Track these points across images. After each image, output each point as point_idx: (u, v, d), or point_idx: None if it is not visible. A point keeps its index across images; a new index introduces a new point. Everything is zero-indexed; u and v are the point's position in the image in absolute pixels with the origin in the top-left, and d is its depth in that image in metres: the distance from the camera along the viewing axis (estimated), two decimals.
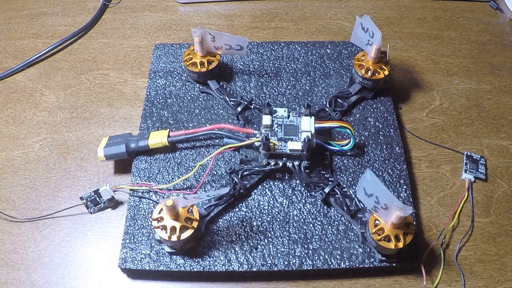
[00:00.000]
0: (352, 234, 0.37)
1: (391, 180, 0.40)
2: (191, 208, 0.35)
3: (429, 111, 0.47)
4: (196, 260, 0.36)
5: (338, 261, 0.36)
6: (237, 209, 0.39)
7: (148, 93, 0.46)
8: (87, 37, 0.54)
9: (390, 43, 0.53)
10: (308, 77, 0.47)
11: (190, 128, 0.43)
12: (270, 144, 0.38)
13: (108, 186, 0.39)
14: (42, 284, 0.37)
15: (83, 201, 0.39)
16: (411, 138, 0.45)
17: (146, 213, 0.39)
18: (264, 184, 0.40)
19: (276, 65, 0.48)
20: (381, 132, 0.43)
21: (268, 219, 0.38)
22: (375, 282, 0.37)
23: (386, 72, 0.44)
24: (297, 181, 0.40)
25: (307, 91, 0.46)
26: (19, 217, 0.40)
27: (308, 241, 0.37)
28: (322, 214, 0.39)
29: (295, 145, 0.38)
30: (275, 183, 0.40)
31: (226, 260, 0.36)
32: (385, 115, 0.44)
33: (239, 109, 0.43)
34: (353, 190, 0.39)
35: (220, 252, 0.36)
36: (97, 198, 0.39)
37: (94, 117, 0.47)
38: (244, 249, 0.37)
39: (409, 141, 0.45)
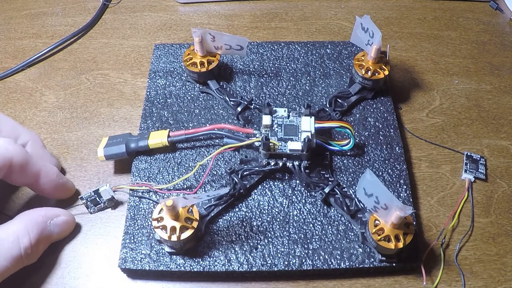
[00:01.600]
0: (352, 234, 0.37)
1: (391, 180, 0.40)
2: (191, 208, 0.35)
3: (429, 111, 0.47)
4: (196, 260, 0.36)
5: (338, 261, 0.36)
6: (237, 209, 0.39)
7: (148, 93, 0.46)
8: (87, 37, 0.54)
9: (390, 43, 0.53)
10: (308, 77, 0.47)
11: (190, 128, 0.43)
12: (270, 144, 0.38)
13: (108, 186, 0.39)
14: (42, 284, 0.37)
15: (83, 201, 0.39)
16: (411, 138, 0.45)
17: (146, 213, 0.39)
18: (264, 184, 0.40)
19: (276, 65, 0.48)
20: (381, 132, 0.43)
21: (268, 219, 0.38)
22: (375, 282, 0.37)
23: (386, 72, 0.44)
24: (297, 181, 0.40)
25: (307, 91, 0.46)
26: None
27: (308, 241, 0.37)
28: (322, 214, 0.39)
29: (295, 145, 0.38)
30: (275, 183, 0.40)
31: (226, 260, 0.36)
32: (385, 115, 0.44)
33: (239, 109, 0.43)
34: (353, 190, 0.39)
35: (220, 252, 0.36)
36: (97, 198, 0.39)
37: (94, 117, 0.47)
38: (244, 249, 0.37)
39: (409, 141, 0.45)
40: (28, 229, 0.34)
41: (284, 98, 0.46)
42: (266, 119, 0.39)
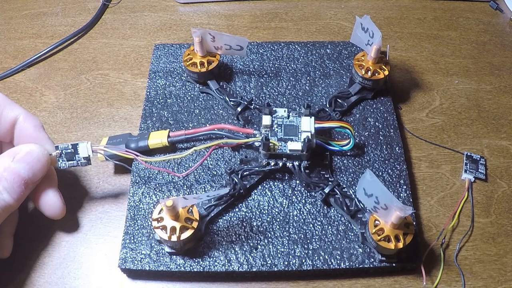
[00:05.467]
0: (352, 234, 0.37)
1: (391, 180, 0.40)
2: (191, 208, 0.35)
3: (429, 111, 0.47)
4: (196, 260, 0.36)
5: (338, 261, 0.36)
6: (237, 209, 0.39)
7: (148, 93, 0.46)
8: (87, 37, 0.54)
9: (390, 43, 0.53)
10: (308, 77, 0.47)
11: (190, 128, 0.43)
12: (270, 144, 0.38)
13: (89, 144, 0.37)
14: (42, 284, 0.37)
15: (57, 151, 0.37)
16: (411, 138, 0.45)
17: (146, 213, 0.39)
18: (264, 184, 0.40)
19: (276, 65, 0.48)
20: (381, 132, 0.43)
21: (268, 219, 0.38)
22: (375, 282, 0.37)
23: (386, 72, 0.44)
24: (297, 181, 0.40)
25: (307, 91, 0.46)
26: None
27: (308, 241, 0.37)
28: (322, 214, 0.39)
29: (295, 145, 0.38)
30: (275, 183, 0.40)
31: (226, 260, 0.36)
32: (385, 115, 0.44)
33: (239, 109, 0.43)
34: (353, 190, 0.39)
35: (220, 252, 0.36)
36: (73, 152, 0.37)
37: (94, 117, 0.47)
38: (244, 249, 0.37)
39: (409, 141, 0.45)
40: None
41: (284, 98, 0.46)
42: (266, 119, 0.39)
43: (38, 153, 0.34)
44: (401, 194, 0.40)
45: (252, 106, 0.44)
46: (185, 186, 0.40)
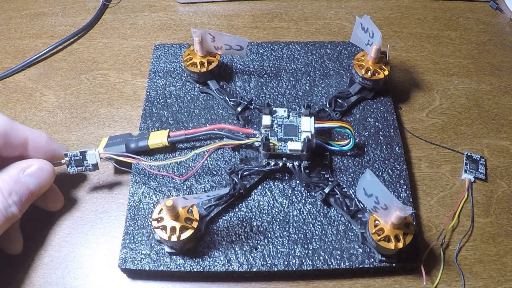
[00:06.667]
0: (352, 234, 0.37)
1: (391, 180, 0.40)
2: (191, 208, 0.35)
3: (429, 111, 0.47)
4: (196, 260, 0.36)
5: (338, 261, 0.36)
6: (237, 209, 0.39)
7: (148, 93, 0.46)
8: (87, 37, 0.54)
9: (390, 43, 0.53)
10: (308, 77, 0.47)
11: (190, 128, 0.43)
12: (270, 144, 0.38)
13: (97, 151, 0.39)
14: (42, 284, 0.37)
15: (67, 158, 0.39)
16: (411, 138, 0.45)
17: (146, 213, 0.39)
18: (264, 184, 0.40)
19: (276, 65, 0.48)
20: (381, 132, 0.43)
21: (268, 219, 0.38)
22: (375, 282, 0.37)
23: (386, 72, 0.44)
24: (297, 181, 0.40)
25: (307, 91, 0.46)
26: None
27: (308, 241, 0.37)
28: (322, 214, 0.39)
29: (295, 145, 0.38)
30: (275, 183, 0.40)
31: (226, 260, 0.36)
32: (385, 115, 0.44)
33: (239, 109, 0.43)
34: (353, 190, 0.39)
35: (220, 252, 0.36)
36: (81, 159, 0.39)
37: (94, 117, 0.47)
38: (244, 249, 0.37)
39: (409, 141, 0.45)
40: (1, 189, 0.33)
41: (284, 98, 0.46)
42: (266, 119, 0.39)
43: (48, 169, 0.37)
44: (401, 194, 0.40)
45: (252, 106, 0.44)
46: (185, 186, 0.40)
